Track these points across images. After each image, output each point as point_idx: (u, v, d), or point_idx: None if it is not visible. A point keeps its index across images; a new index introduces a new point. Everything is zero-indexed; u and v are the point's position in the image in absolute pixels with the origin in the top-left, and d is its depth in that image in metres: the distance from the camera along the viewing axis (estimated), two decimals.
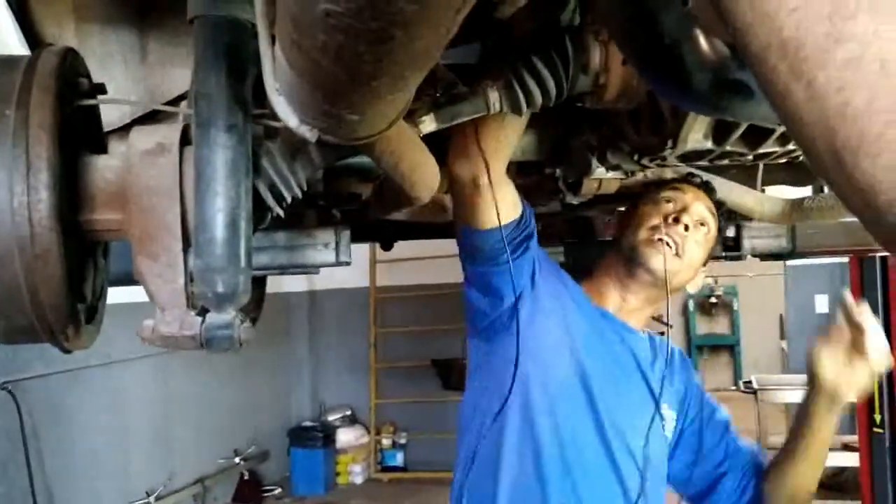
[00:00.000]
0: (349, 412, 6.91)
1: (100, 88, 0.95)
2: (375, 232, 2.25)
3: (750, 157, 1.10)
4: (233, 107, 0.82)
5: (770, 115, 0.74)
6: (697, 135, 1.02)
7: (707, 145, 1.04)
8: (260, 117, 0.87)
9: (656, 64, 0.66)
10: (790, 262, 5.23)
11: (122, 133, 1.15)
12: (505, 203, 1.33)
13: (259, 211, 0.90)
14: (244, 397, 5.98)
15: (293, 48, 0.54)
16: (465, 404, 1.51)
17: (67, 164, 0.83)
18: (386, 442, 6.75)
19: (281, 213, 0.94)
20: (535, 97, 0.99)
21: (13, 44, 1.16)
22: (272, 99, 0.69)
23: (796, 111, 0.34)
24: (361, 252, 6.09)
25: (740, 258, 1.89)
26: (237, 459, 5.68)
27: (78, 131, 0.91)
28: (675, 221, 1.45)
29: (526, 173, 1.64)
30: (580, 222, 2.24)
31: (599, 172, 1.36)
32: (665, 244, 1.43)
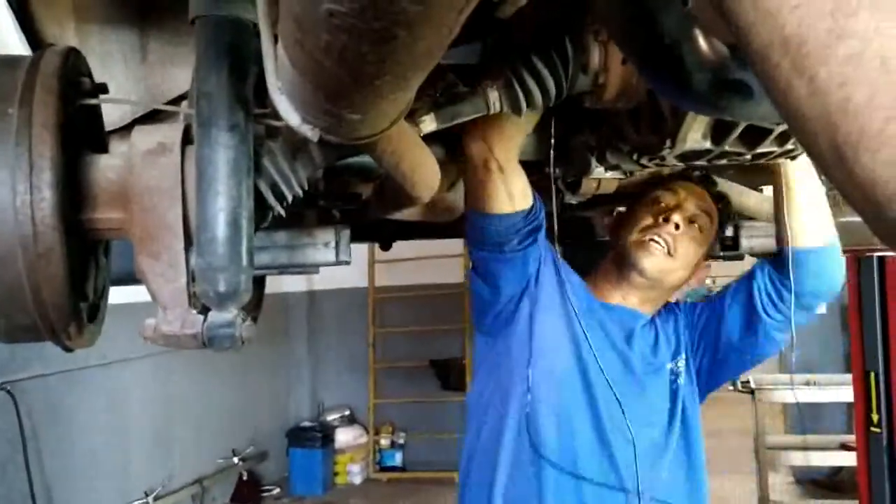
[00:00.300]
0: (348, 412, 6.90)
1: (102, 88, 0.95)
2: (374, 232, 2.25)
3: (748, 157, 1.11)
4: (234, 106, 0.82)
5: (769, 115, 0.74)
6: (696, 134, 1.03)
7: (706, 145, 1.05)
8: (261, 117, 0.87)
9: (656, 64, 0.66)
10: None
11: (123, 133, 1.15)
12: (513, 192, 1.33)
13: (260, 210, 0.90)
14: (243, 397, 5.97)
15: (296, 47, 0.54)
16: (472, 393, 1.54)
17: (70, 164, 0.83)
18: (384, 442, 6.74)
19: (282, 212, 0.94)
20: (535, 97, 1.00)
21: (14, 44, 1.16)
22: (274, 98, 0.69)
23: (798, 107, 0.34)
24: (360, 252, 6.08)
25: (739, 258, 1.89)
26: (236, 459, 5.67)
27: (80, 131, 0.91)
28: (666, 221, 1.45)
29: (526, 173, 1.64)
30: (579, 222, 2.24)
31: (598, 172, 1.36)
32: (656, 244, 1.44)
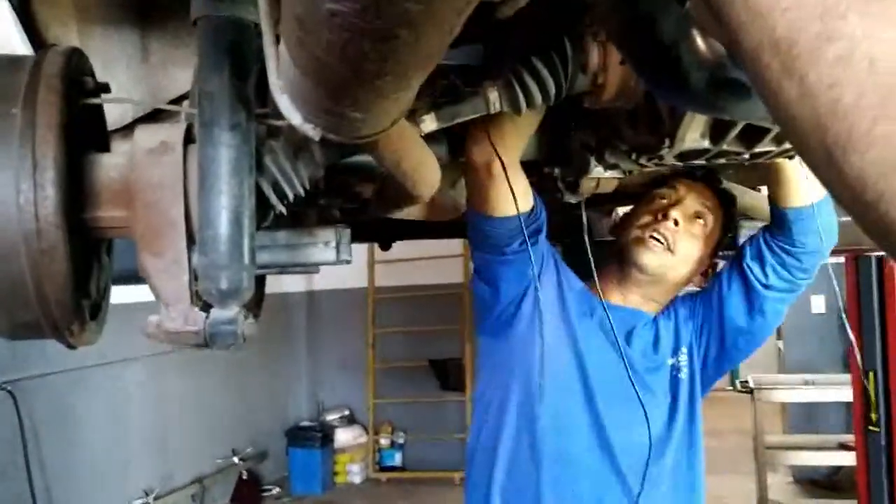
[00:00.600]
0: (347, 412, 6.91)
1: (104, 87, 0.96)
2: (374, 232, 2.26)
3: (746, 156, 1.11)
4: (236, 106, 0.83)
5: (766, 114, 0.75)
6: (695, 134, 1.03)
7: (704, 144, 1.05)
8: (263, 116, 0.88)
9: (654, 64, 0.67)
10: None
11: (124, 133, 1.16)
12: (517, 193, 1.34)
13: (262, 208, 0.91)
14: (242, 397, 5.98)
15: (298, 47, 0.54)
16: (475, 392, 1.57)
17: (73, 162, 0.84)
18: (384, 442, 6.74)
19: (283, 211, 0.95)
20: (535, 97, 1.00)
21: (16, 45, 1.17)
22: (276, 97, 0.70)
23: (788, 108, 0.35)
24: (360, 252, 6.09)
25: None
26: (235, 459, 5.68)
27: (83, 130, 0.91)
28: (665, 217, 1.45)
29: (525, 173, 1.65)
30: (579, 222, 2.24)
31: (597, 172, 1.37)
32: (654, 240, 1.44)
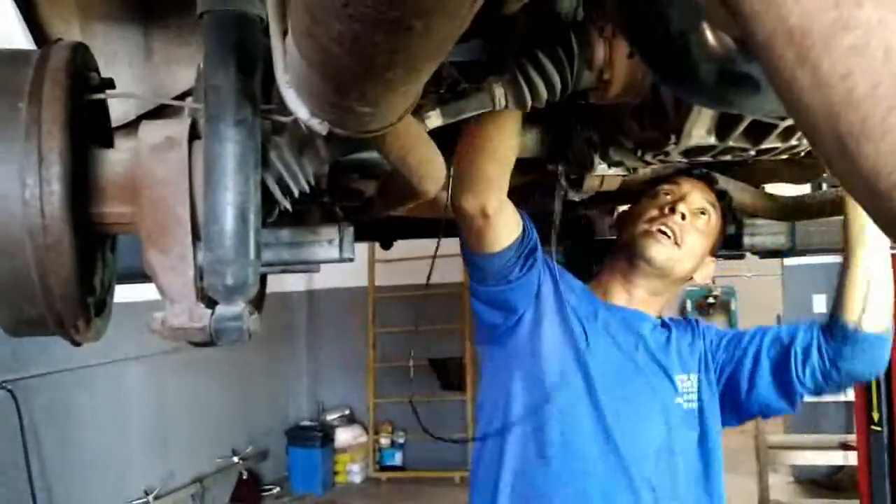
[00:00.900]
0: (347, 412, 6.91)
1: (108, 83, 0.95)
2: (375, 231, 2.26)
3: (752, 153, 1.11)
4: (242, 101, 0.83)
5: (775, 109, 0.75)
6: (701, 130, 1.03)
7: (710, 140, 1.05)
8: (268, 112, 0.88)
9: (663, 55, 0.67)
10: (788, 262, 5.23)
11: (127, 129, 1.16)
12: (509, 225, 1.37)
13: (267, 204, 0.91)
14: (242, 397, 5.97)
15: (307, 39, 0.54)
16: (480, 398, 1.57)
17: (78, 158, 0.84)
18: (384, 441, 6.74)
19: (288, 207, 0.94)
20: (540, 92, 1.00)
21: (20, 43, 1.17)
22: (283, 91, 0.70)
23: (802, 98, 0.34)
24: (360, 252, 6.04)
25: (741, 256, 1.90)
26: (236, 459, 5.67)
27: (87, 125, 0.91)
28: (672, 211, 1.46)
29: (527, 171, 1.64)
30: (581, 221, 2.24)
31: (601, 169, 1.37)
32: (663, 233, 1.45)
